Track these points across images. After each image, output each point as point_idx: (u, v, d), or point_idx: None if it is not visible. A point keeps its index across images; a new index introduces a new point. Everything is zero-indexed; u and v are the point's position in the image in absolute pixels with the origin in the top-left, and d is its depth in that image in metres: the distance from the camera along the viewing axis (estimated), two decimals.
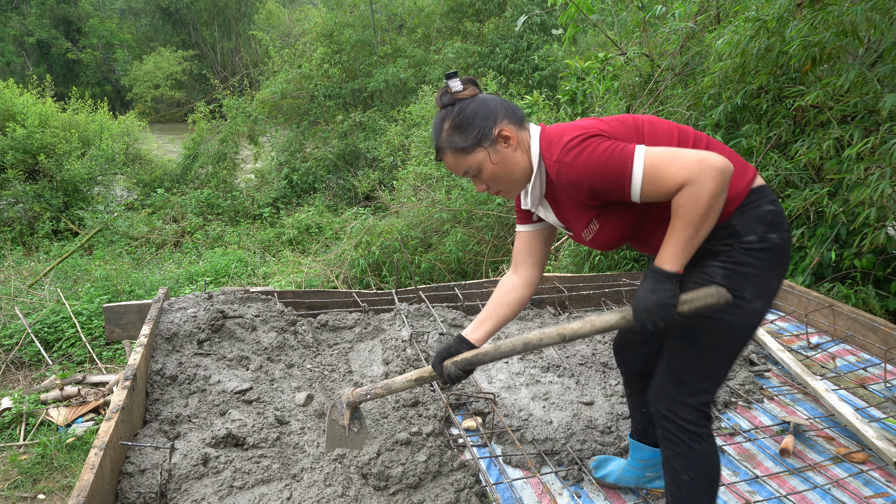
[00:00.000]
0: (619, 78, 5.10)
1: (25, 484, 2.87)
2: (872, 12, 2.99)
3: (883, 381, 2.48)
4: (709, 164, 1.23)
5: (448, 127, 1.47)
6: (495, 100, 1.49)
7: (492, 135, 1.45)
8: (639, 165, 1.29)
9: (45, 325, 4.56)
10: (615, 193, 1.34)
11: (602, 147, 1.33)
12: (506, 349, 1.56)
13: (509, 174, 1.49)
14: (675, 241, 1.29)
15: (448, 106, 1.48)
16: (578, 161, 1.34)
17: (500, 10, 12.97)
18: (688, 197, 1.24)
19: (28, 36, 26.37)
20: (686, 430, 1.44)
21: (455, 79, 1.48)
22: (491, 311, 1.70)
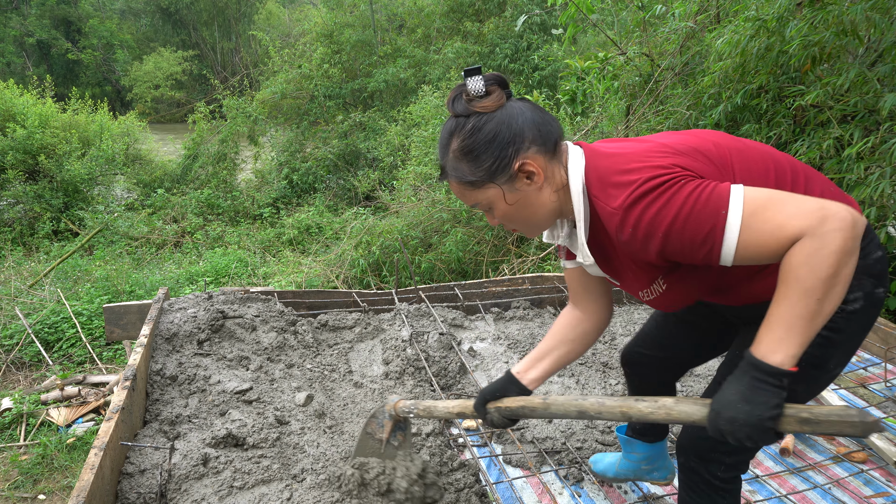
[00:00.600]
0: (619, 78, 5.10)
1: (26, 484, 2.87)
2: (872, 12, 2.98)
3: (883, 381, 2.48)
4: (832, 213, 0.88)
5: (456, 148, 1.12)
6: (524, 114, 1.10)
7: (510, 169, 1.10)
8: (735, 214, 0.93)
9: (45, 326, 4.56)
10: (697, 256, 0.99)
11: (684, 193, 0.96)
12: (556, 409, 1.28)
13: (527, 217, 1.17)
14: (786, 318, 0.91)
15: (461, 116, 1.12)
16: (648, 214, 0.98)
17: (500, 10, 12.97)
18: (805, 255, 0.89)
19: (28, 36, 26.37)
20: (713, 485, 1.29)
21: (477, 77, 1.10)
22: (551, 347, 1.41)
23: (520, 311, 3.18)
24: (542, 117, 1.12)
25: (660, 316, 1.58)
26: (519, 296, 3.29)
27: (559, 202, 1.16)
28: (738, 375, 0.97)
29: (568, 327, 1.41)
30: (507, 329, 3.02)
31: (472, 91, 1.10)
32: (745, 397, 0.94)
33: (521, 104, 1.12)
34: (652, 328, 1.60)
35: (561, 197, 1.16)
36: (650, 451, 1.77)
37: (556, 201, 1.16)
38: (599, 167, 1.08)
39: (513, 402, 1.37)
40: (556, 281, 3.37)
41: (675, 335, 1.54)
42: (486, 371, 2.63)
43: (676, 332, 1.54)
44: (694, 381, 2.51)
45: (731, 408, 0.95)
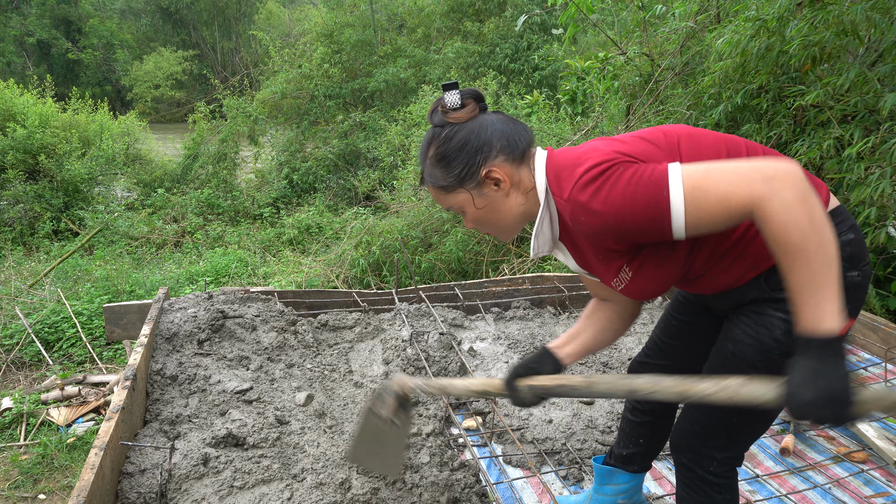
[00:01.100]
0: (620, 77, 5.10)
1: (26, 484, 2.87)
2: (873, 12, 2.98)
3: (883, 381, 2.48)
4: (772, 171, 0.91)
5: (432, 155, 1.21)
6: (494, 125, 1.19)
7: (478, 175, 1.18)
8: (676, 190, 0.98)
9: (45, 326, 4.56)
10: (651, 234, 1.03)
11: (626, 177, 1.02)
12: (603, 388, 1.21)
13: (497, 221, 1.24)
14: (805, 283, 0.91)
15: (438, 127, 1.21)
16: (597, 199, 1.04)
17: (500, 10, 12.98)
18: (777, 220, 0.90)
19: (28, 36, 26.38)
20: (708, 481, 1.31)
21: (453, 91, 1.19)
22: (584, 325, 1.43)
23: (520, 311, 3.18)
24: (512, 127, 1.20)
25: (663, 323, 1.58)
26: (519, 296, 3.29)
27: (527, 205, 1.23)
28: (800, 357, 0.95)
29: (598, 310, 1.43)
30: (507, 329, 3.02)
31: (448, 104, 1.19)
32: (815, 372, 0.91)
33: (494, 116, 1.21)
34: (655, 337, 1.59)
35: (530, 199, 1.22)
36: (631, 483, 1.68)
37: (524, 204, 1.23)
38: (555, 164, 1.16)
39: (549, 381, 1.29)
40: (556, 281, 3.37)
41: (678, 340, 1.53)
42: (487, 371, 2.63)
43: (679, 337, 1.53)
44: None
45: (806, 385, 0.92)
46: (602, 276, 1.26)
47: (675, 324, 1.53)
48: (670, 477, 1.98)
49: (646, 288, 1.20)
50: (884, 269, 3.33)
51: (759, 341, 1.17)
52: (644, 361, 1.59)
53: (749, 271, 1.17)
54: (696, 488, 1.33)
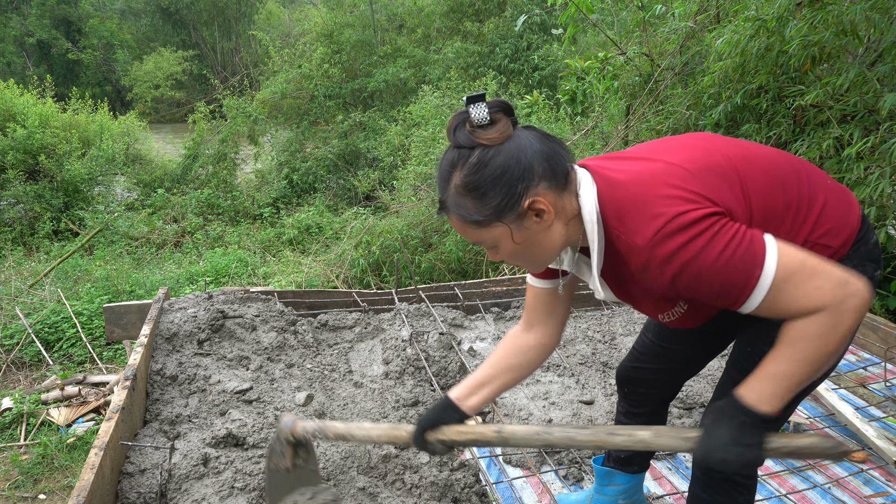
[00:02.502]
0: (619, 77, 5.11)
1: (26, 484, 2.87)
2: (872, 12, 2.98)
3: (883, 381, 2.48)
4: (853, 291, 0.91)
5: (460, 183, 1.02)
6: (534, 146, 1.02)
7: (520, 207, 1.01)
8: (769, 272, 0.93)
9: (45, 326, 4.56)
10: (720, 301, 0.99)
11: (724, 239, 0.94)
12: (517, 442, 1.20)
13: (535, 255, 1.11)
14: (782, 377, 0.96)
15: (464, 148, 1.02)
16: (685, 254, 0.94)
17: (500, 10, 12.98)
18: (821, 329, 0.92)
19: (28, 36, 26.38)
20: (734, 482, 1.30)
21: (481, 104, 1.00)
22: (492, 374, 1.32)
23: (520, 311, 3.18)
24: (551, 147, 1.05)
25: (657, 326, 1.53)
26: (519, 295, 3.29)
27: (568, 234, 1.10)
28: (727, 418, 1.00)
29: (514, 354, 1.33)
30: (507, 329, 3.02)
31: (475, 120, 1.00)
32: (734, 439, 0.98)
33: (529, 133, 1.04)
34: (647, 340, 1.55)
35: (570, 228, 1.09)
36: (631, 483, 1.67)
37: (565, 234, 1.09)
38: (616, 198, 1.03)
39: (459, 435, 1.26)
40: None
41: (674, 343, 1.50)
42: None
43: (675, 341, 1.50)
44: (693, 381, 2.51)
45: (722, 450, 0.99)
46: (648, 310, 1.20)
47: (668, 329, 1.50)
48: (670, 477, 1.98)
49: (698, 318, 1.17)
50: (884, 268, 3.34)
51: None
52: (637, 366, 1.55)
53: None
54: (720, 490, 1.31)
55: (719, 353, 1.51)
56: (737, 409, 0.99)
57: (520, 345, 1.34)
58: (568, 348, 2.83)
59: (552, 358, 2.72)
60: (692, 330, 1.47)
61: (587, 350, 2.81)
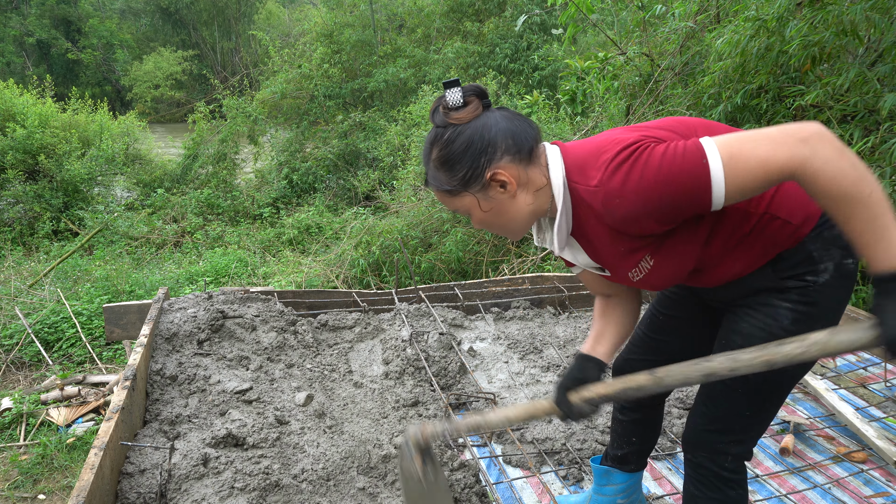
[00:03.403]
0: (619, 77, 5.10)
1: (26, 484, 2.87)
2: (872, 12, 2.98)
3: (883, 381, 2.48)
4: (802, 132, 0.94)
5: (435, 157, 1.18)
6: (498, 124, 1.15)
7: (482, 178, 1.15)
8: (714, 158, 0.98)
9: (45, 326, 4.56)
10: (690, 207, 1.03)
11: (658, 153, 1.02)
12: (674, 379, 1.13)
13: (504, 223, 1.22)
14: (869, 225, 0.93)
15: (441, 127, 1.17)
16: (631, 180, 1.03)
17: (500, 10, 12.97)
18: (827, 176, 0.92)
19: (28, 36, 26.37)
20: (723, 477, 1.32)
21: (455, 89, 1.14)
22: (605, 325, 1.39)
23: (520, 311, 3.18)
24: (518, 125, 1.16)
25: (648, 319, 1.57)
26: (519, 296, 3.29)
27: (536, 204, 1.19)
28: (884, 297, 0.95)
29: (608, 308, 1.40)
30: (507, 329, 3.02)
31: (450, 103, 1.14)
32: None
33: (498, 114, 1.16)
34: (640, 333, 1.58)
35: (540, 198, 1.19)
36: (629, 482, 1.68)
37: (533, 203, 1.19)
38: (576, 156, 1.15)
39: (607, 388, 1.21)
40: (555, 281, 3.37)
41: (664, 335, 1.52)
42: (486, 371, 2.63)
43: (666, 332, 1.52)
44: None
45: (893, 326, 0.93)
46: (618, 269, 1.22)
47: (662, 319, 1.53)
48: (670, 477, 1.98)
49: (664, 276, 1.19)
50: None
51: (770, 333, 1.18)
52: (630, 358, 1.57)
53: (759, 259, 1.19)
54: (710, 485, 1.34)
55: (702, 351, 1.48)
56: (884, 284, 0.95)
57: (607, 302, 1.40)
58: (568, 348, 2.83)
59: (552, 358, 2.72)
60: (682, 320, 1.49)
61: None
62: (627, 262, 1.19)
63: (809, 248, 1.16)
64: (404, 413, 2.25)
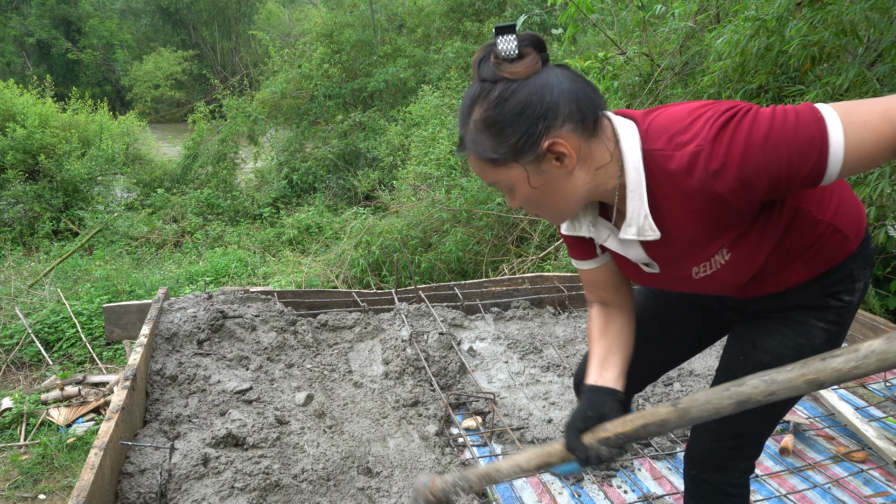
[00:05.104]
0: (619, 77, 5.10)
1: (26, 484, 2.87)
2: (872, 11, 2.98)
3: (883, 381, 2.49)
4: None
5: (479, 118, 0.97)
6: (562, 85, 0.95)
7: (538, 148, 0.95)
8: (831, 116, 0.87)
9: (45, 326, 4.56)
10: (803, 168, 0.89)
11: (766, 112, 0.90)
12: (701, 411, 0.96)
13: (553, 203, 1.03)
14: None
15: (487, 81, 0.96)
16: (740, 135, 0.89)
17: (500, 10, 12.97)
18: None
19: (28, 36, 26.37)
20: (728, 492, 1.29)
21: (510, 36, 0.94)
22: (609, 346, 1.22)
23: (519, 311, 3.18)
24: (583, 89, 0.97)
25: None
26: (519, 295, 3.29)
27: (593, 185, 1.02)
28: None
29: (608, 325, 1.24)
30: (506, 329, 3.02)
31: (502, 52, 0.93)
32: None
33: (560, 72, 0.97)
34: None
35: (599, 177, 1.01)
36: None
37: (589, 184, 1.01)
38: (658, 126, 0.98)
39: (625, 426, 1.04)
40: (555, 281, 3.37)
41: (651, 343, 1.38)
42: (486, 371, 2.63)
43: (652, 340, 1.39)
44: (694, 381, 2.51)
45: None
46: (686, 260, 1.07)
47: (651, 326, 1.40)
48: (670, 477, 1.98)
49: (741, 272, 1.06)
50: (883, 268, 3.34)
51: (800, 353, 1.05)
52: None
53: (813, 272, 1.12)
54: (715, 501, 1.30)
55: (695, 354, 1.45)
56: None
57: (606, 318, 1.24)
58: (568, 348, 2.83)
59: (552, 357, 2.72)
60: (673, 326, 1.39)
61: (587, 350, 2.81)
62: (701, 253, 1.04)
63: (851, 266, 1.10)
64: (404, 413, 2.25)
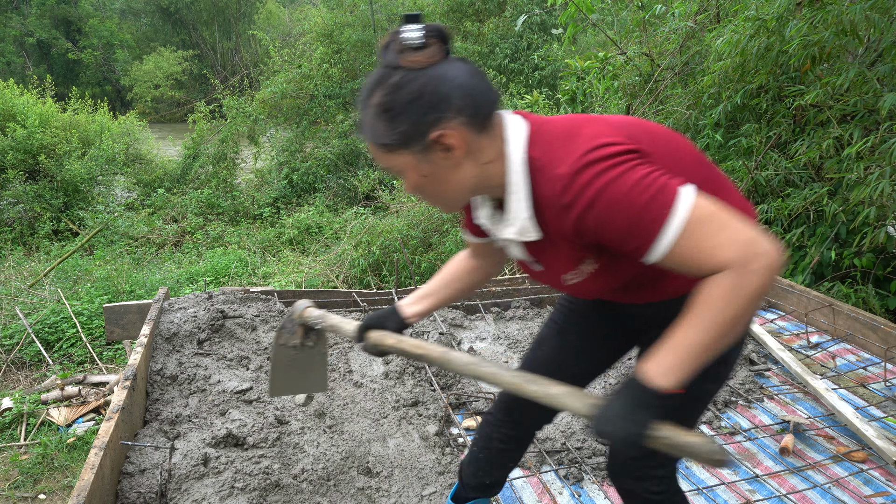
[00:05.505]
0: (619, 77, 5.11)
1: (26, 484, 2.87)
2: (872, 11, 2.99)
3: (883, 380, 2.49)
4: (762, 252, 0.86)
5: (375, 103, 1.00)
6: (458, 79, 0.98)
7: (426, 138, 0.98)
8: (680, 217, 0.90)
9: (45, 326, 4.56)
10: (627, 243, 0.95)
11: (637, 174, 0.92)
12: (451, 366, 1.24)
13: (440, 193, 1.07)
14: (687, 345, 0.91)
15: (389, 68, 0.98)
16: (598, 182, 0.92)
17: (500, 10, 12.97)
18: (727, 289, 0.87)
19: (28, 36, 26.37)
20: (651, 500, 1.28)
21: (416, 25, 0.97)
22: (438, 287, 1.41)
23: (520, 311, 3.18)
24: (479, 84, 1.00)
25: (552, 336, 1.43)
26: (519, 295, 3.29)
27: (481, 178, 1.05)
28: (625, 391, 0.97)
29: (461, 273, 1.41)
30: (507, 329, 3.02)
31: (406, 41, 0.96)
32: (626, 415, 0.95)
33: (460, 66, 0.99)
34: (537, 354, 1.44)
35: (487, 172, 1.05)
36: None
37: (477, 177, 1.05)
38: (545, 132, 1.02)
39: (396, 342, 1.34)
40: None
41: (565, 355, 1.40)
42: None
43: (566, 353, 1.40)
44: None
45: (611, 423, 0.96)
46: (555, 268, 1.13)
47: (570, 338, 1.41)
48: None
49: (602, 285, 1.11)
50: (883, 268, 3.34)
51: None
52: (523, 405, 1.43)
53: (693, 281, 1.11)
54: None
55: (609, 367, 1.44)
56: (635, 383, 0.96)
57: (466, 267, 1.41)
58: None
59: None
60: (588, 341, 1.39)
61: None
62: (566, 263, 1.09)
63: None
64: (404, 413, 2.25)
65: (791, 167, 3.68)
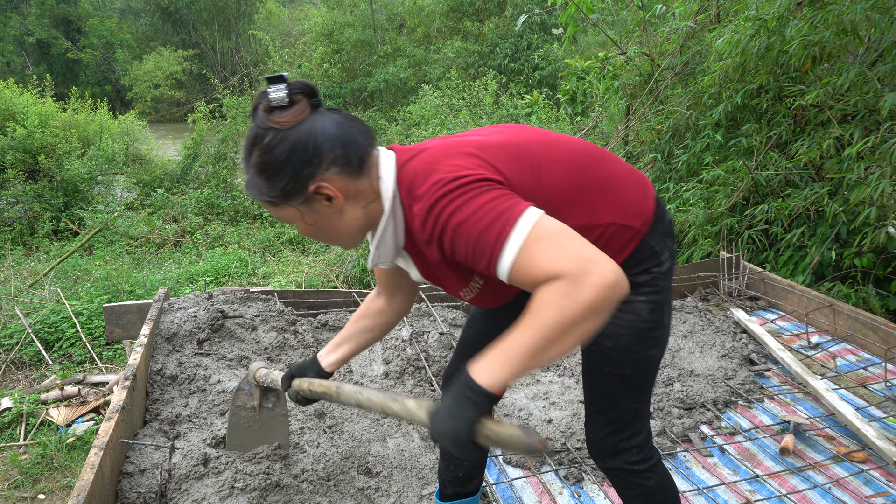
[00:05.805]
0: (620, 77, 5.11)
1: (26, 484, 2.87)
2: (872, 11, 2.98)
3: (883, 381, 2.48)
4: (598, 270, 0.87)
5: (255, 163, 1.06)
6: (326, 132, 1.03)
7: (306, 191, 1.04)
8: (518, 235, 0.93)
9: (45, 325, 4.56)
10: (479, 263, 0.99)
11: (481, 200, 0.97)
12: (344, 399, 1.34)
13: (332, 236, 1.14)
14: (514, 347, 0.92)
15: (262, 129, 1.04)
16: (444, 214, 0.98)
17: (500, 10, 12.98)
18: (555, 295, 0.88)
19: (28, 36, 26.36)
20: (636, 471, 1.34)
21: (280, 86, 1.02)
22: (351, 334, 1.49)
23: None
24: (349, 132, 1.06)
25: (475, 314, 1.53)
26: None
27: (367, 217, 1.12)
28: (453, 390, 0.98)
29: (371, 316, 1.48)
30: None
31: (273, 101, 1.02)
32: (450, 412, 0.96)
33: (328, 118, 1.06)
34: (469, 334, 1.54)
35: (372, 210, 1.11)
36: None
37: (363, 217, 1.11)
38: (409, 171, 1.07)
39: (310, 386, 1.46)
40: None
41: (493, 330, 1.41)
42: None
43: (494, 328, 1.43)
44: (694, 381, 2.51)
45: (439, 421, 0.98)
46: (450, 286, 1.20)
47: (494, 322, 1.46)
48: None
49: (497, 296, 1.18)
50: (884, 268, 3.34)
51: (633, 327, 1.20)
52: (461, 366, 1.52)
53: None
54: (630, 484, 1.35)
55: None
56: (462, 381, 0.96)
57: (375, 308, 1.49)
58: None
59: None
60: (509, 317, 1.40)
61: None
62: (458, 281, 1.16)
63: (651, 244, 1.19)
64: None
65: (791, 167, 3.68)
